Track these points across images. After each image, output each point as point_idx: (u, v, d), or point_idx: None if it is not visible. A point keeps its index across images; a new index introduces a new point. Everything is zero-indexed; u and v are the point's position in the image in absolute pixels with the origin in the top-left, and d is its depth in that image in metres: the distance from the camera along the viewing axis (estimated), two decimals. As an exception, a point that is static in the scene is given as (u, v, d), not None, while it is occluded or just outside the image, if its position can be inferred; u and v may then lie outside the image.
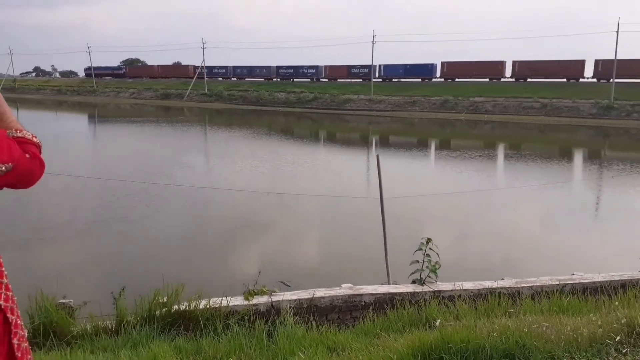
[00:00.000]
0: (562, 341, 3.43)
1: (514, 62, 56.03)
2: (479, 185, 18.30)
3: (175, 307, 4.62)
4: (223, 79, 75.67)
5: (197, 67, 76.41)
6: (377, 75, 62.44)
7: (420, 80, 61.02)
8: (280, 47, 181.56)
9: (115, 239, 11.66)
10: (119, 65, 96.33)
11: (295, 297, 5.01)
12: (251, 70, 74.71)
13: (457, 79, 58.87)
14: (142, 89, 75.73)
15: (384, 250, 7.39)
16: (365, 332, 4.31)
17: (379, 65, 63.35)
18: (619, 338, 3.48)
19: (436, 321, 4.19)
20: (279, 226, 13.04)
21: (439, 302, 4.81)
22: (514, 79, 55.86)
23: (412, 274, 5.56)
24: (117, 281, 6.61)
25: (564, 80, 52.42)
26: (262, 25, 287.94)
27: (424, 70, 61.20)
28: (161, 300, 4.65)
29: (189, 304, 4.62)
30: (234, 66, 76.71)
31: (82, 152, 27.07)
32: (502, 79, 56.50)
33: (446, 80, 59.64)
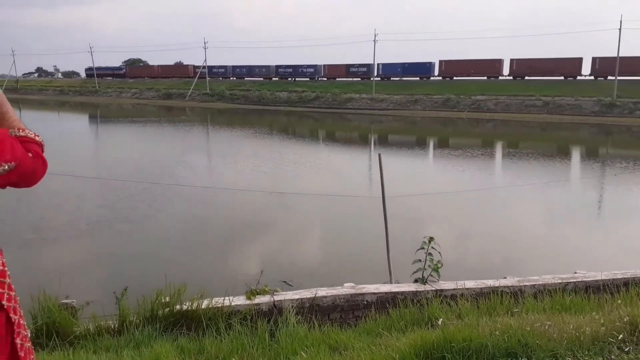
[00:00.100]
0: (565, 340, 3.42)
1: (512, 60, 55.98)
2: (481, 183, 18.28)
3: (178, 307, 4.62)
4: (223, 79, 75.77)
5: (197, 67, 76.56)
6: (375, 74, 62.52)
7: (418, 78, 61.03)
8: (280, 46, 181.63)
9: (118, 239, 11.68)
10: (119, 65, 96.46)
11: (297, 296, 5.01)
12: (250, 70, 74.78)
13: (455, 77, 58.86)
14: (144, 89, 75.84)
15: (386, 249, 7.38)
16: (368, 331, 4.30)
17: (377, 64, 63.47)
18: (622, 336, 3.47)
19: (438, 320, 4.19)
20: (281, 226, 13.05)
21: (441, 301, 4.80)
22: (511, 77, 55.82)
23: (415, 273, 5.56)
24: (119, 281, 6.63)
25: (562, 78, 52.36)
26: (262, 25, 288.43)
27: (422, 69, 61.18)
28: (163, 300, 4.65)
29: (192, 304, 4.62)
30: (233, 66, 76.83)
31: (84, 153, 27.12)
32: (500, 77, 56.48)
33: (444, 79, 59.61)
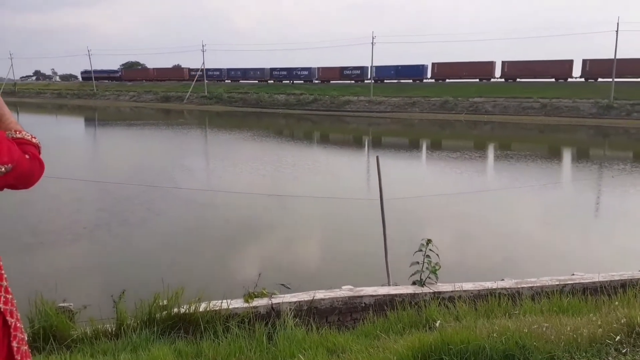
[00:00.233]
0: (562, 341, 3.43)
1: (503, 63, 56.44)
2: (479, 185, 18.31)
3: (175, 310, 4.61)
4: (218, 81, 75.80)
5: (193, 69, 76.66)
6: (368, 77, 62.80)
7: (411, 81, 61.38)
8: (275, 49, 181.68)
9: (116, 242, 11.66)
10: (116, 68, 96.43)
11: (295, 299, 5.00)
12: (245, 73, 74.94)
13: (447, 79, 59.10)
14: (142, 92, 75.84)
15: (384, 252, 7.38)
16: (366, 333, 4.30)
17: (370, 66, 63.74)
18: (619, 338, 3.48)
19: (436, 322, 4.19)
20: (279, 228, 13.04)
21: (439, 303, 4.81)
22: (503, 79, 56.09)
23: (412, 275, 5.56)
24: (117, 284, 6.61)
25: (553, 80, 52.67)
26: (259, 28, 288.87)
27: (415, 71, 61.48)
28: (161, 304, 4.65)
29: (189, 307, 4.62)
30: (228, 68, 77.00)
31: (82, 156, 27.09)
32: (492, 79, 56.74)
33: (437, 81, 59.85)
